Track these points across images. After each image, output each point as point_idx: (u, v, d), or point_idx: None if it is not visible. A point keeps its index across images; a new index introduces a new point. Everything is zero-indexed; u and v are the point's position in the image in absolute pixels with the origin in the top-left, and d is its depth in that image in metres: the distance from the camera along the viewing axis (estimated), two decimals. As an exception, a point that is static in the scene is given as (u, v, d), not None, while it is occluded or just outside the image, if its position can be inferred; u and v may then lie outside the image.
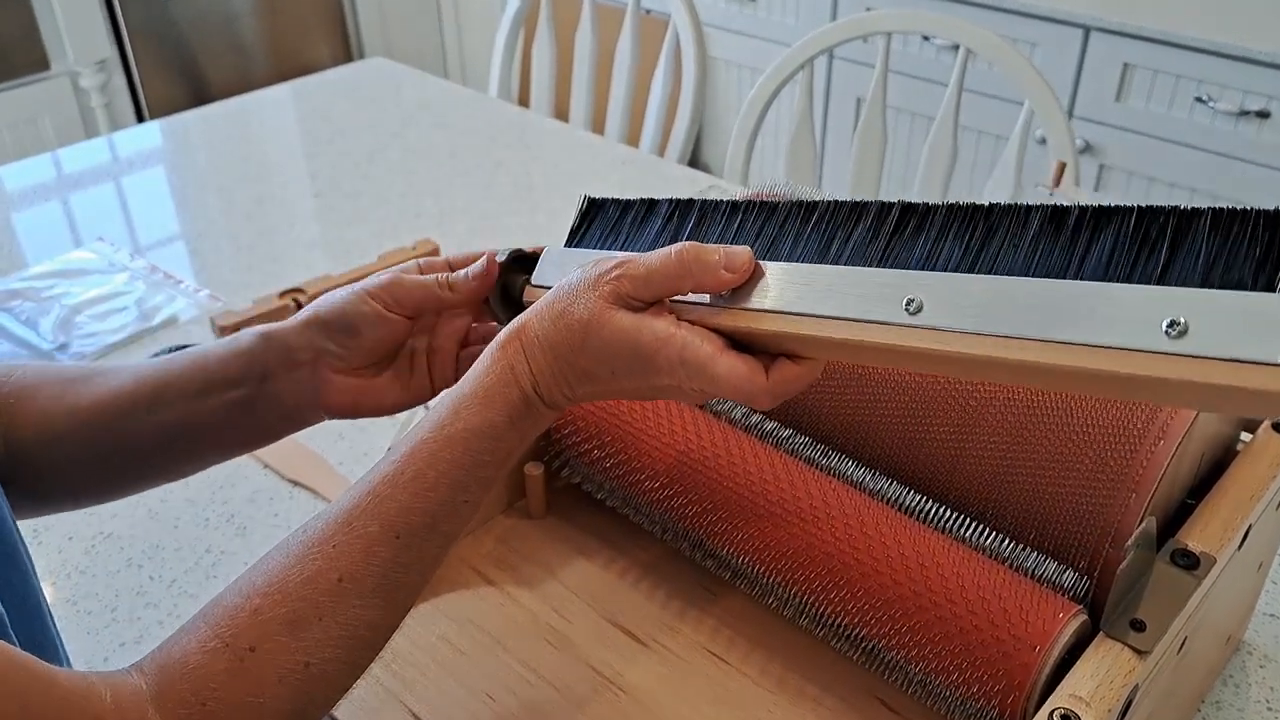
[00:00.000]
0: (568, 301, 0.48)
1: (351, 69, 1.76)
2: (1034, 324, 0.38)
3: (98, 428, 0.55)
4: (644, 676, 0.58)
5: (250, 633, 0.41)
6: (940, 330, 0.40)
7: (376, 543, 0.44)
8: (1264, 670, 0.68)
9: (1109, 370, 0.36)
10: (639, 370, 0.47)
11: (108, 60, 2.41)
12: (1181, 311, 0.35)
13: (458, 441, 0.46)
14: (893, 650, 0.53)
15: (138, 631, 0.74)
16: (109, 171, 1.42)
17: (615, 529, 0.67)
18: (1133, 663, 0.47)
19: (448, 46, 3.17)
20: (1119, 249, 0.38)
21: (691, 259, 0.46)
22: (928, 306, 0.41)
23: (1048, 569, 0.51)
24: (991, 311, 0.40)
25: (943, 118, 1.38)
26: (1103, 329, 0.37)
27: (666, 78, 1.62)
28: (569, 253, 0.57)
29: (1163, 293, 0.36)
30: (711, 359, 0.45)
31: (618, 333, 0.46)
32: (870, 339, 0.42)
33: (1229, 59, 1.65)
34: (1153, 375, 0.35)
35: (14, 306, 1.10)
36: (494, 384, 0.47)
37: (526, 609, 0.62)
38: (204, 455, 0.59)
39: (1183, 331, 0.35)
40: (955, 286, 0.41)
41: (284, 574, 0.43)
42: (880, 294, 0.43)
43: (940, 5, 1.94)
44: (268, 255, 1.21)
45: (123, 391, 0.56)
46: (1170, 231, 0.38)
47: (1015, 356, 0.39)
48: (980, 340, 0.39)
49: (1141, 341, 0.36)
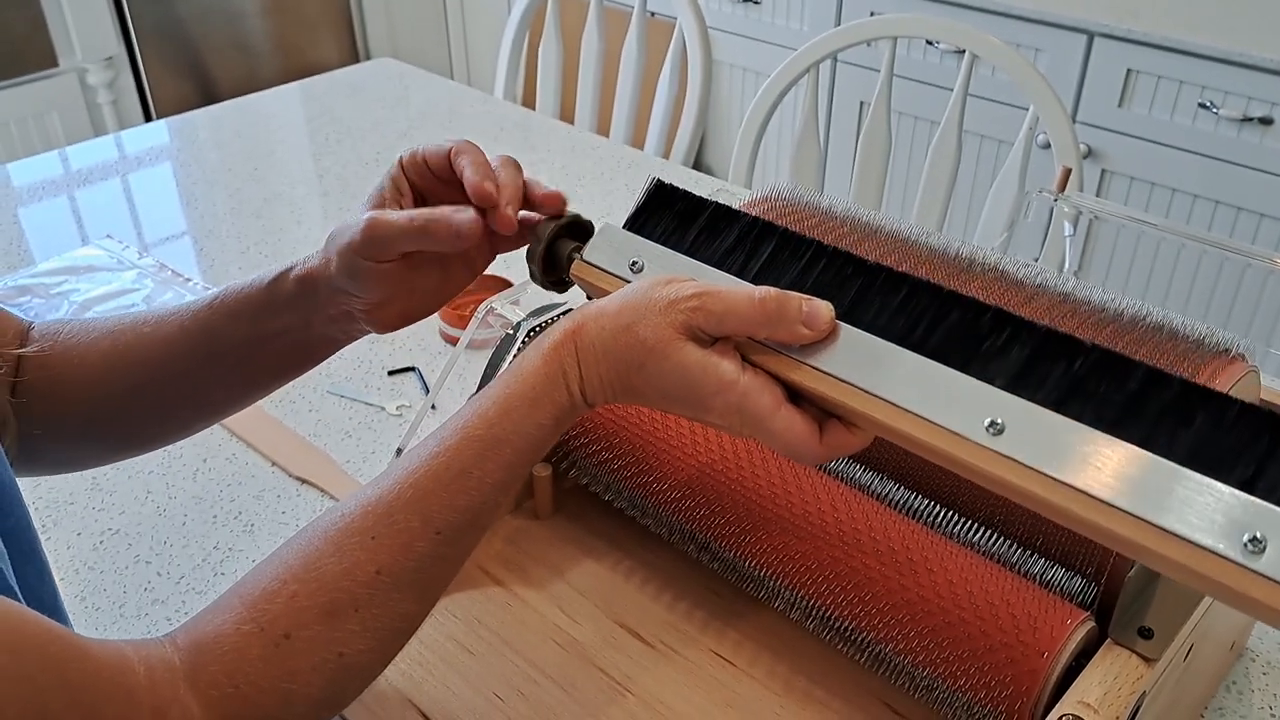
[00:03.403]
0: (634, 316, 0.46)
1: (358, 69, 1.76)
2: (1119, 492, 0.37)
3: (156, 377, 0.57)
4: (651, 678, 0.58)
5: (286, 619, 0.41)
6: (1017, 463, 0.39)
7: (418, 537, 0.44)
8: (1267, 677, 0.68)
9: (1182, 563, 0.36)
10: (691, 404, 0.46)
11: (115, 58, 2.42)
12: (1265, 529, 0.35)
13: (505, 444, 0.46)
14: (900, 655, 0.53)
15: (145, 628, 0.74)
16: (116, 169, 1.43)
17: (622, 531, 0.67)
18: (1140, 670, 0.47)
19: (454, 47, 3.17)
20: (1218, 439, 0.37)
21: (775, 309, 0.45)
22: (1009, 433, 0.40)
23: (1056, 575, 0.51)
24: (1077, 463, 0.38)
25: (947, 122, 1.38)
26: (1186, 524, 0.36)
27: (672, 80, 1.62)
28: (628, 237, 0.54)
29: (1251, 504, 0.35)
30: (770, 414, 0.45)
31: (680, 366, 0.45)
32: (944, 447, 0.41)
33: (1233, 65, 1.65)
34: (1227, 584, 0.35)
35: (23, 303, 1.11)
36: (543, 385, 0.47)
37: (534, 610, 0.63)
38: (270, 382, 0.60)
39: (1262, 549, 0.35)
40: (1044, 423, 0.40)
41: (321, 561, 0.42)
42: (963, 403, 0.41)
43: (945, 10, 1.94)
44: (274, 254, 1.21)
45: (176, 346, 0.57)
46: (1270, 435, 0.37)
47: (1093, 518, 0.38)
48: (1059, 488, 0.39)
49: (1223, 548, 0.35)
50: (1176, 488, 0.37)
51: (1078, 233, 1.03)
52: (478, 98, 1.64)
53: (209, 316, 0.57)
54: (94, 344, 0.58)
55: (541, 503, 0.69)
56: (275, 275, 0.56)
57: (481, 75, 3.15)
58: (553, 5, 1.69)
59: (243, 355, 0.57)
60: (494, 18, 2.98)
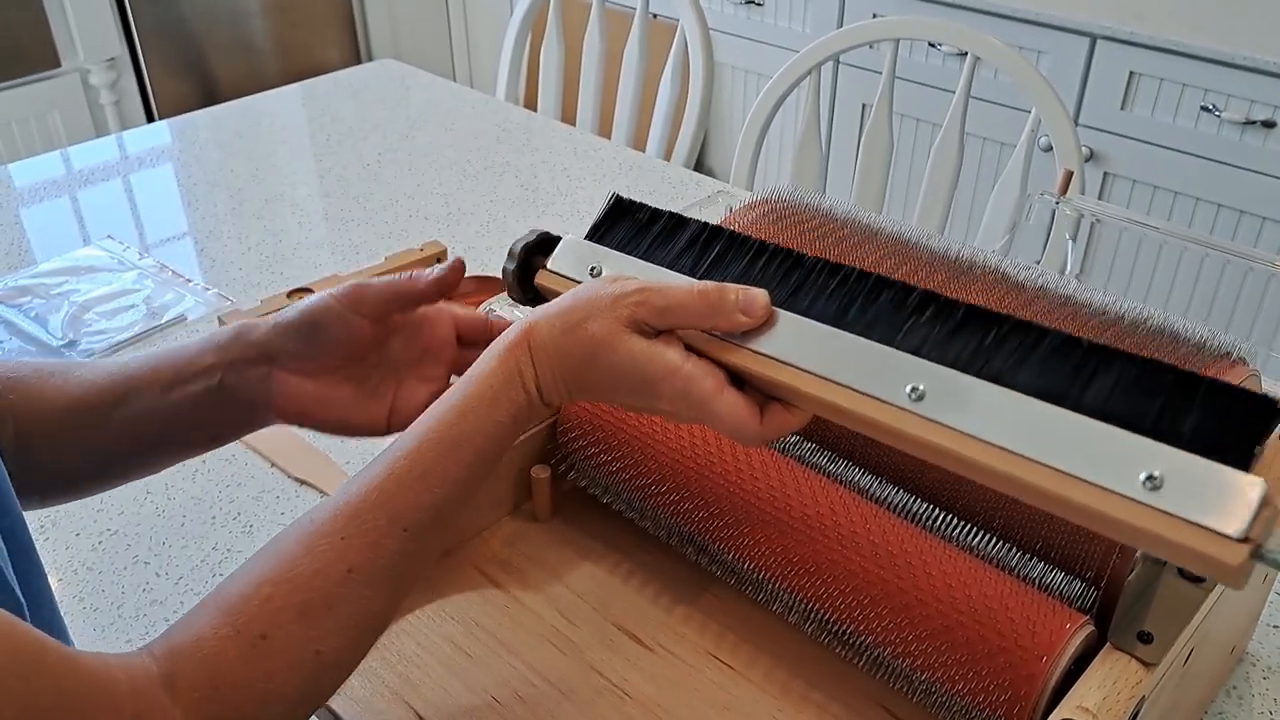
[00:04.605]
0: (584, 314, 0.49)
1: (360, 70, 1.76)
2: (1027, 443, 0.41)
3: (66, 428, 0.56)
4: (648, 680, 0.58)
5: (262, 620, 0.42)
6: (937, 423, 0.43)
7: (385, 535, 0.45)
8: (1267, 682, 0.68)
9: (1085, 504, 0.39)
10: (641, 393, 0.49)
11: (118, 58, 2.42)
12: (1161, 467, 0.38)
13: (465, 444, 0.47)
14: (899, 658, 0.53)
15: (143, 628, 0.74)
16: (118, 169, 1.43)
17: (621, 532, 0.67)
18: (1140, 674, 0.47)
19: (456, 48, 3.17)
20: (1118, 391, 0.41)
21: (715, 299, 0.48)
22: (930, 397, 0.43)
23: (1055, 579, 0.51)
24: (990, 419, 0.42)
25: (949, 124, 1.38)
26: (1088, 466, 0.39)
27: (674, 82, 1.62)
28: (589, 246, 0.58)
29: (1149, 446, 0.39)
30: (713, 396, 0.47)
31: (628, 356, 0.48)
32: (868, 414, 0.45)
33: (1235, 68, 1.65)
34: (1123, 519, 0.38)
35: (23, 303, 1.11)
36: (500, 385, 0.48)
37: (531, 611, 0.63)
38: (164, 451, 0.59)
39: (1158, 486, 0.38)
40: (960, 385, 0.43)
41: (294, 564, 0.44)
42: (887, 373, 0.45)
43: (947, 12, 1.94)
44: (276, 255, 1.21)
45: (95, 388, 0.56)
46: (1168, 389, 0.40)
47: (1002, 468, 0.41)
48: (971, 442, 0.42)
49: (1121, 486, 0.38)
50: (1081, 436, 0.40)
51: (1079, 236, 1.03)
52: (479, 99, 1.64)
53: (141, 362, 0.57)
54: (43, 382, 0.57)
55: (540, 505, 0.69)
56: (217, 329, 0.58)
57: (483, 76, 3.15)
58: (555, 7, 1.69)
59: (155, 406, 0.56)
60: (496, 19, 2.98)
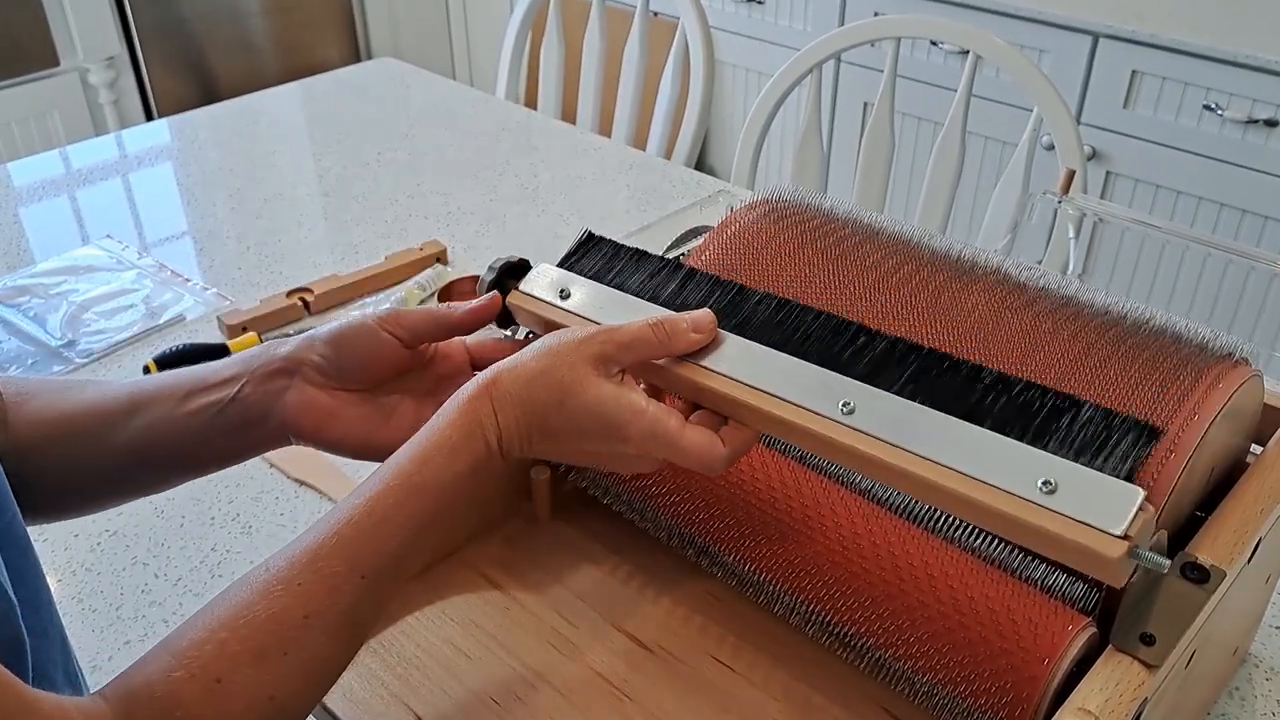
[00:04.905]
0: (549, 361, 0.50)
1: (360, 69, 1.76)
2: (942, 452, 0.47)
3: (81, 433, 0.56)
4: (649, 682, 0.58)
5: (217, 664, 0.42)
6: (864, 434, 0.49)
7: (343, 581, 0.45)
8: (1270, 683, 0.68)
9: (989, 504, 0.45)
10: (607, 437, 0.50)
11: (117, 57, 2.42)
12: (1056, 475, 0.44)
13: (425, 492, 0.47)
14: (900, 660, 0.53)
15: (142, 629, 0.74)
16: (117, 168, 1.42)
17: (621, 534, 0.67)
18: (1142, 676, 0.46)
19: (455, 47, 3.17)
20: (1022, 412, 0.48)
21: (669, 328, 0.52)
22: (859, 411, 0.49)
23: (1057, 581, 0.51)
24: (910, 432, 0.48)
25: (950, 123, 1.38)
26: (994, 473, 0.45)
27: (674, 80, 1.62)
28: (561, 272, 0.61)
29: (1046, 457, 0.45)
30: (679, 433, 0.50)
31: (596, 399, 0.50)
32: (803, 424, 0.50)
33: (1238, 67, 1.65)
34: (1021, 518, 0.44)
35: (22, 303, 1.11)
36: (460, 437, 0.49)
37: (532, 613, 0.62)
38: (169, 468, 0.58)
39: (1053, 491, 0.44)
40: (885, 402, 0.49)
41: (249, 609, 0.43)
42: (824, 390, 0.50)
43: (948, 10, 1.94)
44: (275, 254, 1.21)
45: (109, 397, 0.56)
46: (1063, 412, 0.47)
47: (917, 471, 0.47)
48: (892, 450, 0.48)
49: (1021, 490, 0.44)
50: (989, 448, 0.46)
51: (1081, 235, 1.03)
52: (479, 98, 1.64)
53: (158, 377, 0.57)
54: (50, 400, 0.57)
55: (540, 506, 0.69)
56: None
57: (483, 75, 3.15)
58: (555, 5, 1.68)
59: (165, 418, 0.56)
60: (496, 17, 2.98)
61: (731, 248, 0.65)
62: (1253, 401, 0.57)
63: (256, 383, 0.56)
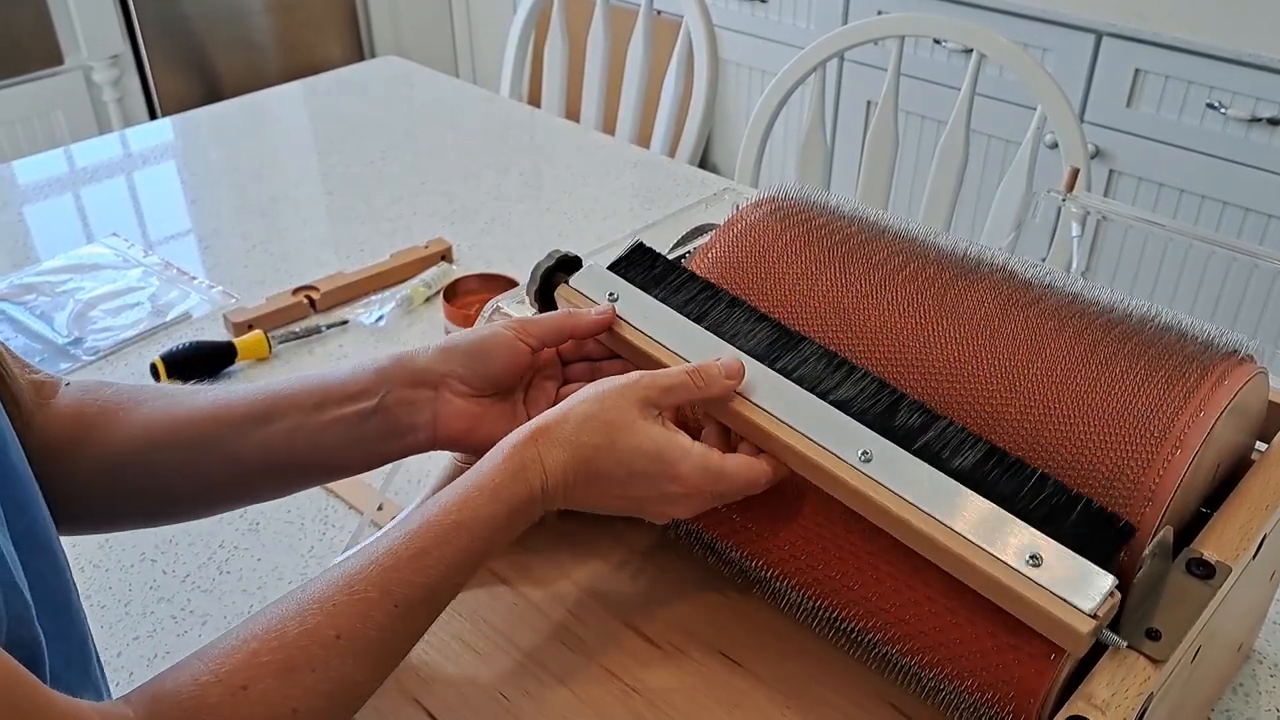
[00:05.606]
0: (596, 406, 0.52)
1: (363, 67, 1.76)
2: (944, 512, 0.50)
3: (201, 438, 0.57)
4: (657, 678, 0.58)
5: (244, 672, 0.43)
6: (877, 482, 0.52)
7: (375, 607, 0.46)
8: (1274, 679, 0.68)
9: (981, 567, 0.48)
10: (659, 476, 0.53)
11: (121, 56, 2.42)
12: (1043, 551, 0.48)
13: (463, 530, 0.49)
14: (907, 656, 0.53)
15: (151, 625, 0.74)
16: (121, 167, 1.43)
17: (629, 530, 0.67)
18: (1148, 671, 0.47)
19: (459, 45, 3.17)
20: (1019, 490, 0.51)
21: (706, 374, 0.55)
22: (876, 461, 0.52)
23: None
24: (920, 488, 0.51)
25: (954, 122, 1.38)
26: (989, 540, 0.49)
27: (678, 79, 1.62)
28: (608, 274, 0.64)
29: (1036, 535, 0.49)
30: (724, 460, 0.54)
31: (649, 441, 0.52)
32: (824, 464, 0.53)
33: (1241, 65, 1.65)
34: (1007, 583, 0.48)
35: (29, 300, 1.11)
36: (503, 480, 0.50)
37: (540, 609, 0.63)
38: (303, 473, 0.60)
39: (1038, 565, 0.48)
40: (900, 456, 0.53)
41: (283, 624, 0.45)
42: (846, 436, 0.54)
43: (952, 9, 1.94)
44: (280, 252, 1.22)
45: (234, 404, 0.57)
46: (1055, 495, 0.50)
47: (919, 525, 0.50)
48: (900, 502, 0.51)
49: (1010, 559, 0.48)
50: (989, 518, 0.50)
51: (1085, 233, 1.03)
52: (483, 96, 1.64)
53: (279, 386, 0.58)
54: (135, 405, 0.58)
55: (547, 502, 0.69)
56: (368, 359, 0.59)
57: (487, 73, 3.15)
58: (559, 3, 1.68)
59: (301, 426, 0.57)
60: (500, 15, 2.98)
61: (738, 245, 0.66)
62: (1257, 399, 0.57)
63: (399, 394, 0.58)
